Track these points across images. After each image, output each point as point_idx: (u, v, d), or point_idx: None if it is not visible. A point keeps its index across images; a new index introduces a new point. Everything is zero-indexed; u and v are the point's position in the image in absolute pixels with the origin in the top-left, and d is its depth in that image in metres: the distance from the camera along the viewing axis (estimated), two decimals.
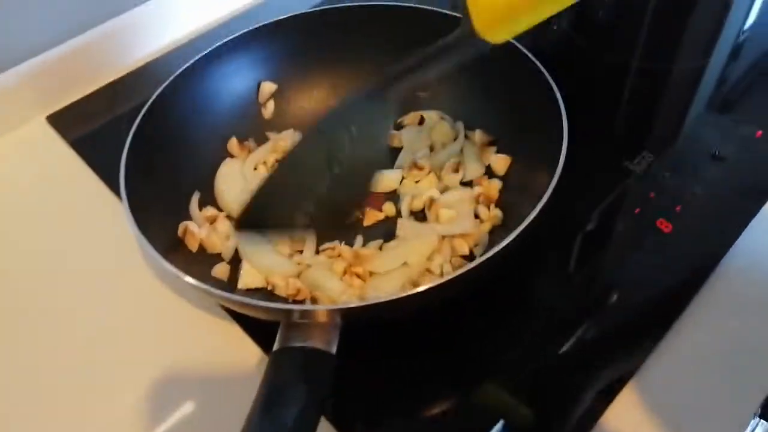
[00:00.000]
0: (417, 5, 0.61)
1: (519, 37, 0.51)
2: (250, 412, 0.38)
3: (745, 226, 0.53)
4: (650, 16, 0.74)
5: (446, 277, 0.42)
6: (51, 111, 0.71)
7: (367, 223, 0.56)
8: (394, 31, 0.59)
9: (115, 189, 0.60)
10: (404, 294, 0.41)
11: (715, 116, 0.64)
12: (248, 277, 0.52)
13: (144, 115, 0.53)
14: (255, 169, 0.60)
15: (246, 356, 0.49)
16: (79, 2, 0.71)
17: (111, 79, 0.75)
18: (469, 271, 0.41)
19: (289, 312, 0.43)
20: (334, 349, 0.41)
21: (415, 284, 0.50)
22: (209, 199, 0.58)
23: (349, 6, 0.63)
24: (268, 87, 0.63)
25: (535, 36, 0.76)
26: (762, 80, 0.69)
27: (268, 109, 0.64)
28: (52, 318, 0.53)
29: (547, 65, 0.52)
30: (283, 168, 0.53)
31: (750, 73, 0.70)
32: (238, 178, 0.60)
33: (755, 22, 0.75)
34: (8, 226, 0.61)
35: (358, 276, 0.52)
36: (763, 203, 0.55)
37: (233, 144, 0.61)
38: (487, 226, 0.53)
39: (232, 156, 0.61)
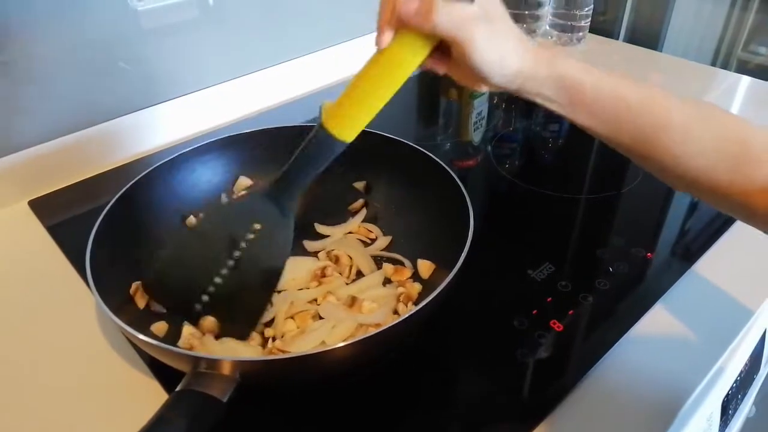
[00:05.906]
0: None
1: (464, 180, 0.63)
2: None
3: (624, 335, 0.60)
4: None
5: (346, 342, 0.47)
6: (34, 196, 0.80)
7: None
8: None
9: (80, 270, 0.66)
10: (302, 353, 0.46)
11: (613, 239, 0.73)
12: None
13: (121, 195, 0.62)
14: None
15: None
16: (80, 106, 0.82)
17: (94, 174, 0.84)
18: (363, 340, 0.48)
19: (197, 359, 0.47)
20: (225, 399, 0.45)
21: None
22: None
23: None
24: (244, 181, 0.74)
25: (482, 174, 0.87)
26: (650, 210, 0.79)
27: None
28: (12, 366, 0.59)
29: (475, 194, 0.62)
30: (188, 239, 0.59)
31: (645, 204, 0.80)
32: None
33: None
34: None
35: (280, 351, 0.56)
36: (643, 314, 0.62)
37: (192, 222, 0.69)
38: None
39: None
